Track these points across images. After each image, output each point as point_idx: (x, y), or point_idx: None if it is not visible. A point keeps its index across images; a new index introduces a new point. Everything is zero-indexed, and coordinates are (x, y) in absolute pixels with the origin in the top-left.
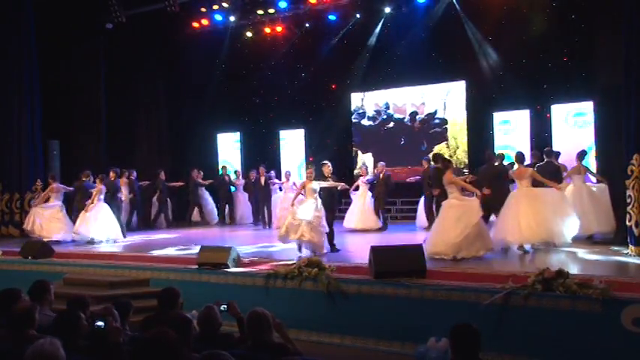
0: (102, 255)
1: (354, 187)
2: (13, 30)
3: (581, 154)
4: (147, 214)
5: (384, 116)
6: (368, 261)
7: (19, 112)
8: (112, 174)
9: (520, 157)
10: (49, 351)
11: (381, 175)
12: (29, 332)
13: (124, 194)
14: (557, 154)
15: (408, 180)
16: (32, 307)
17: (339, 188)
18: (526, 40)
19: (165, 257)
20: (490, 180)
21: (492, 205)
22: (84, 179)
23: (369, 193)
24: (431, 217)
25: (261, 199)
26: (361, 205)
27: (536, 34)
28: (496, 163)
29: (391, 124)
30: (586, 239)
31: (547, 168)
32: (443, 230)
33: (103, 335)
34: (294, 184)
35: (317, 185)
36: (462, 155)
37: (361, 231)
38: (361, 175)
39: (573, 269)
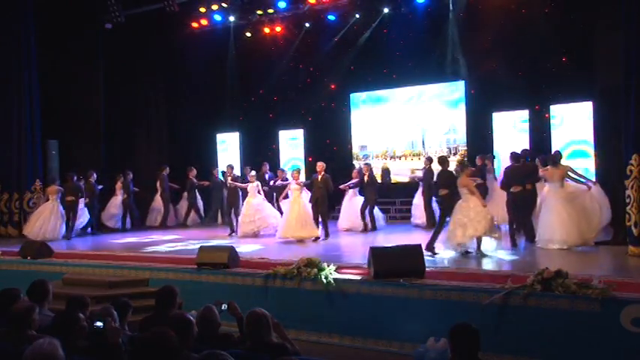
0: (101, 255)
1: (285, 192)
2: (12, 30)
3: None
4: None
5: (383, 115)
6: (367, 261)
7: (18, 112)
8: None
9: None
10: (48, 351)
11: (320, 176)
12: (28, 332)
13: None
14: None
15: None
16: (31, 307)
17: None
18: (525, 40)
19: (165, 257)
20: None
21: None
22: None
23: (305, 199)
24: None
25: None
26: (298, 212)
27: (536, 34)
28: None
29: (390, 124)
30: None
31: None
32: (580, 220)
33: (102, 335)
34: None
35: None
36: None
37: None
38: (294, 179)
39: (572, 269)
